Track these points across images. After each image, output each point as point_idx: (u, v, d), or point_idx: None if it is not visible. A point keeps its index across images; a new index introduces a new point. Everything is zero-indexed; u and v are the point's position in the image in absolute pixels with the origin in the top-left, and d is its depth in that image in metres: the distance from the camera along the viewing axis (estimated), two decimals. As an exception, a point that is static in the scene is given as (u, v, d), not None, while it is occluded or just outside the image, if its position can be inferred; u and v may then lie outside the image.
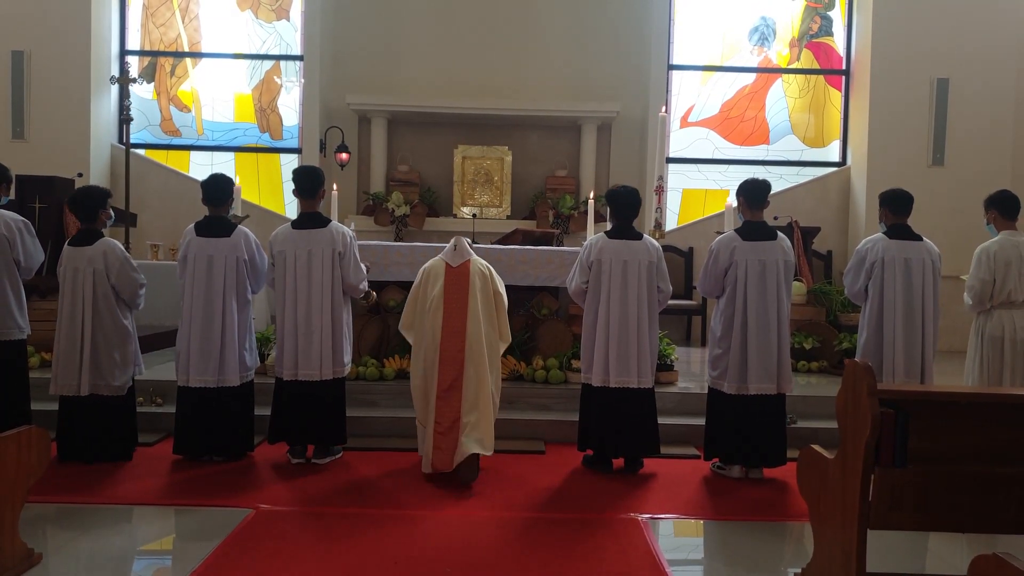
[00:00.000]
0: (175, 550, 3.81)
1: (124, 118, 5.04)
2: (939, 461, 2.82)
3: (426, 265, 5.01)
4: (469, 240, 5.15)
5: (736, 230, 5.02)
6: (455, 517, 4.13)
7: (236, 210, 5.21)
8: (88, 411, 4.80)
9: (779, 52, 10.59)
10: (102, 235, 4.98)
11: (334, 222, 5.13)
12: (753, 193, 5.03)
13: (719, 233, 5.30)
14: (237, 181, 5.54)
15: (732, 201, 5.31)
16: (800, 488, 3.36)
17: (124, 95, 5.43)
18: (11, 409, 4.78)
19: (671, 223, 10.45)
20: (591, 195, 7.81)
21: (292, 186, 5.17)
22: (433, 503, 4.35)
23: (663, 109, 7.09)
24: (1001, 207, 5.17)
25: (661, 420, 5.55)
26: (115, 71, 10.23)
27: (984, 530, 2.78)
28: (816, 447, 3.26)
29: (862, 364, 2.90)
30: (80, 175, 8.12)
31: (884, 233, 5.21)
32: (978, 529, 2.76)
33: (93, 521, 3.98)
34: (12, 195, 5.30)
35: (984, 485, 2.76)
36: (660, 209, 7.02)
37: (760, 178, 5.16)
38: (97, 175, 9.75)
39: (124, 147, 10.21)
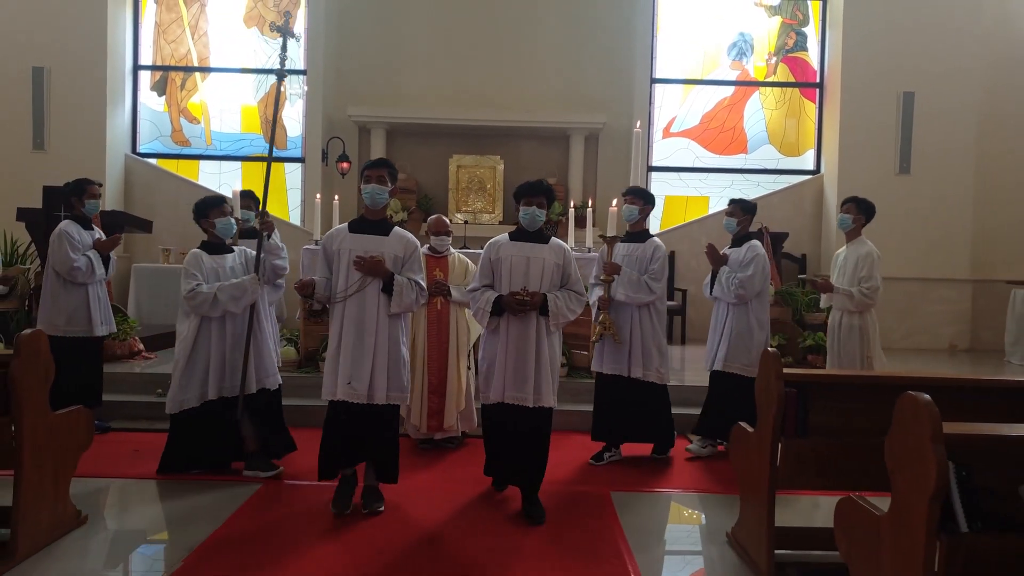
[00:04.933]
0: (197, 516, 4.39)
1: (284, 70, 4.97)
2: (835, 433, 3.41)
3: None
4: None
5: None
6: (442, 490, 4.72)
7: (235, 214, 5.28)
8: None
9: (757, 66, 11.17)
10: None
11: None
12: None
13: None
14: (237, 188, 5.44)
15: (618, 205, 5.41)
16: (731, 460, 3.96)
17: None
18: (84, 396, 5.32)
19: (654, 228, 11.04)
20: (572, 203, 8.38)
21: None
22: (421, 477, 4.94)
23: (638, 124, 7.63)
24: (872, 216, 5.77)
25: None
26: (129, 86, 10.87)
27: (872, 490, 3.33)
28: (743, 424, 3.85)
29: (773, 353, 3.49)
30: (100, 185, 8.71)
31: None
32: (867, 489, 3.32)
33: (125, 492, 4.59)
34: (85, 204, 5.78)
35: (871, 452, 3.32)
36: (635, 217, 7.59)
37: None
38: (112, 184, 10.36)
39: (136, 156, 10.87)
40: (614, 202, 5.33)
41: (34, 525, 3.56)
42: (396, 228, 4.37)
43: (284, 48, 4.97)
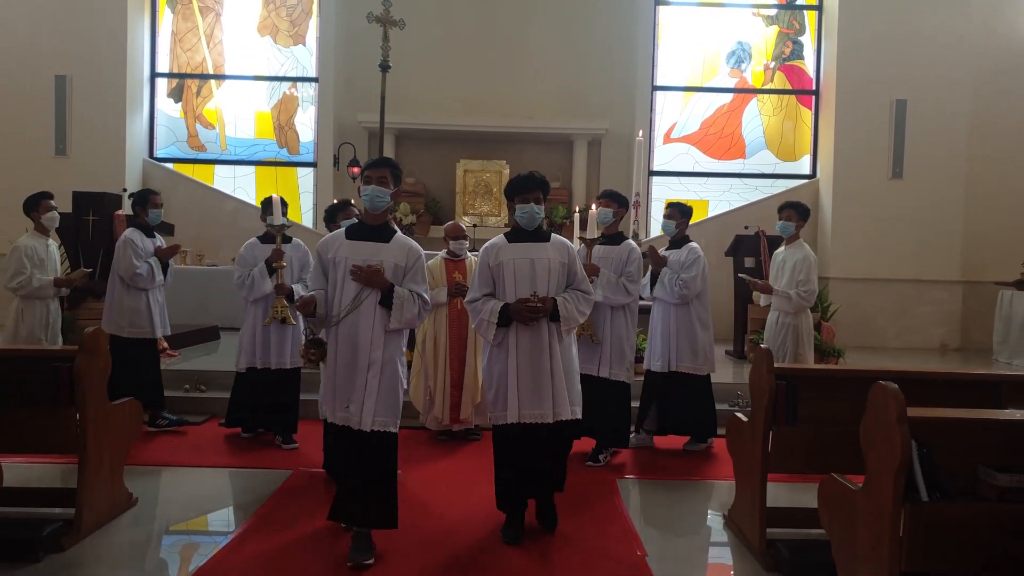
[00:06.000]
0: (238, 500, 4.76)
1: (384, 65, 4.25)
2: (820, 422, 3.76)
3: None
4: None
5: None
6: (458, 478, 5.09)
7: (274, 220, 5.42)
8: None
9: (755, 70, 11.53)
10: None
11: None
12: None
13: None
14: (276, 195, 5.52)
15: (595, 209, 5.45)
16: (728, 447, 4.32)
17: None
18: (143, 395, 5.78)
19: (655, 231, 11.41)
20: (576, 207, 8.73)
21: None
22: (440, 466, 5.31)
23: (640, 133, 8.00)
24: (808, 218, 6.05)
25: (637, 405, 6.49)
26: (147, 93, 11.23)
27: (851, 473, 3.68)
28: (738, 414, 4.21)
29: (765, 349, 3.85)
30: (125, 190, 9.08)
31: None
32: (847, 472, 3.66)
33: (167, 478, 4.96)
34: (148, 213, 6.11)
35: (852, 439, 3.68)
36: (637, 221, 7.98)
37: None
38: (131, 187, 10.63)
39: (154, 160, 11.20)
40: (592, 206, 5.42)
41: (95, 505, 3.93)
42: (398, 234, 3.91)
43: (385, 38, 4.52)
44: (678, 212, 5.89)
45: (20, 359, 3.90)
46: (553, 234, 4.19)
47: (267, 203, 5.59)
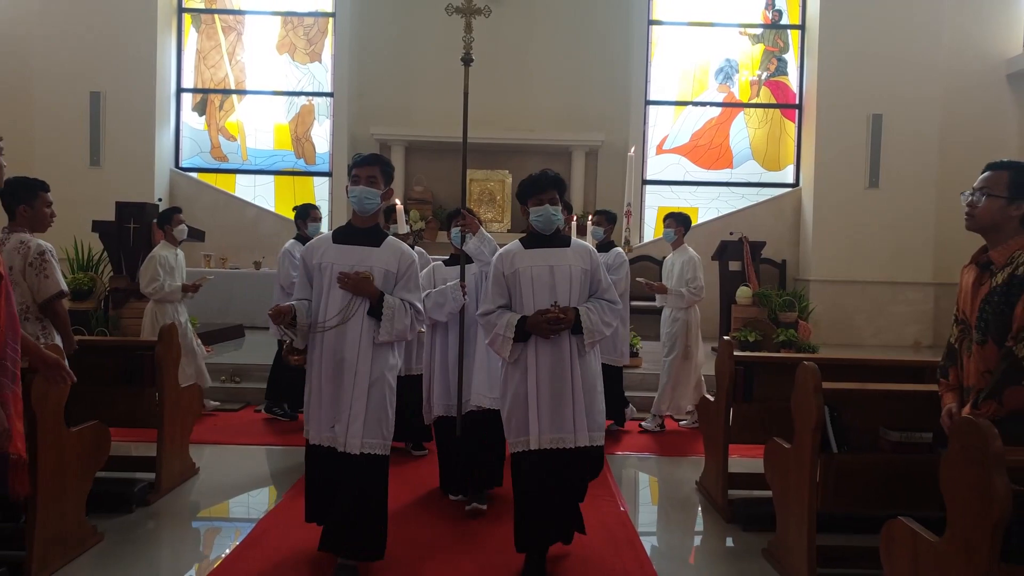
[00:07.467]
0: (283, 471, 5.53)
1: None
2: (772, 399, 4.52)
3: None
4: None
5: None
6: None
7: (399, 228, 5.52)
8: None
9: (742, 82, 12.30)
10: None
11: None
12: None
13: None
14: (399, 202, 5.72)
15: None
16: (699, 425, 5.10)
17: None
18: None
19: (648, 236, 12.19)
20: (575, 215, 9.48)
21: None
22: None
23: (632, 149, 8.76)
24: (689, 227, 6.86)
25: (630, 393, 7.24)
26: (173, 107, 12.03)
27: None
28: (707, 395, 4.99)
29: (729, 340, 4.63)
30: (160, 200, 9.88)
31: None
32: (790, 440, 4.42)
33: (224, 453, 5.74)
34: (308, 227, 6.73)
35: (798, 414, 4.46)
36: (629, 229, 8.74)
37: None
38: (161, 195, 11.48)
39: (180, 170, 11.99)
40: (588, 218, 5.91)
41: (170, 469, 4.72)
42: (390, 238, 3.61)
43: (468, 29, 4.50)
44: (605, 219, 6.55)
45: (112, 348, 4.69)
46: (574, 238, 3.84)
47: (389, 212, 6.00)
